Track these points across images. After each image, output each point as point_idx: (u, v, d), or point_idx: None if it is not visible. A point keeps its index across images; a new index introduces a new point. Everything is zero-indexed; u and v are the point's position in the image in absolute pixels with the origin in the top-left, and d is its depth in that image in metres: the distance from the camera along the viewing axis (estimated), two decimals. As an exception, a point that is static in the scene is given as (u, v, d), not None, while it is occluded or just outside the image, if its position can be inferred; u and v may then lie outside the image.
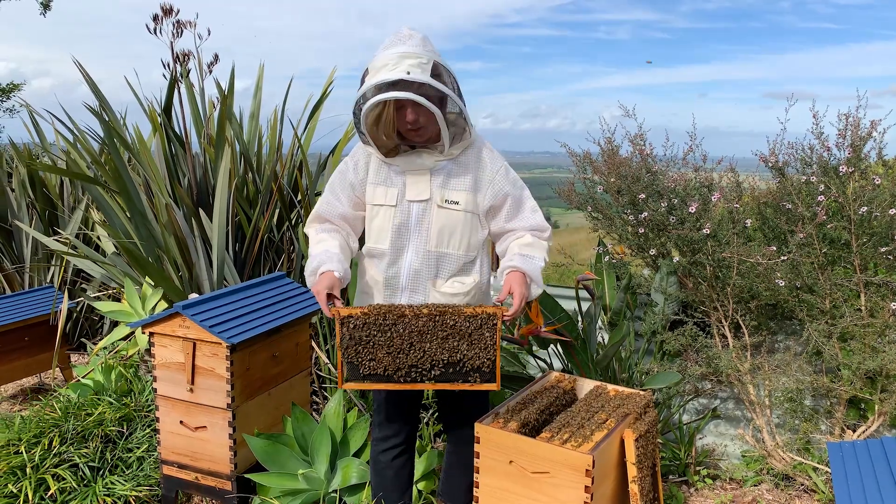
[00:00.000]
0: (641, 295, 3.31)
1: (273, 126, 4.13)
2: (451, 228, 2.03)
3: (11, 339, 3.73)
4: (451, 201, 2.02)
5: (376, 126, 1.93)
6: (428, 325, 1.93)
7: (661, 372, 2.85)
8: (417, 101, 1.83)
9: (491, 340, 1.93)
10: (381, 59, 1.89)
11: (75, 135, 4.19)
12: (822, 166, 2.87)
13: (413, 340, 1.94)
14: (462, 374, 1.95)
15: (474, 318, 1.93)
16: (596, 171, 3.44)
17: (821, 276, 2.80)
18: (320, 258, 2.03)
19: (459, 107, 1.95)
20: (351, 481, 2.51)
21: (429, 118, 1.91)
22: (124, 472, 2.75)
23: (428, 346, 1.93)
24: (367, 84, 1.88)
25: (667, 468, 2.95)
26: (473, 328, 1.93)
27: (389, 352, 1.94)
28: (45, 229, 4.80)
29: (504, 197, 2.07)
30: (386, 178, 2.06)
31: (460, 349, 1.93)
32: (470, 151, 2.06)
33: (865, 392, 2.70)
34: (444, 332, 1.93)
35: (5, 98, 8.89)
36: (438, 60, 1.90)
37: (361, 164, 2.10)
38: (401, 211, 2.04)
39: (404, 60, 1.85)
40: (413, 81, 1.84)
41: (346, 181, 2.12)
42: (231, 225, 3.65)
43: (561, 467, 1.92)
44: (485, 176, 2.06)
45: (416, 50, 1.87)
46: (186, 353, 2.49)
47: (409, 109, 1.90)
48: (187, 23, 3.55)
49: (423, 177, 2.03)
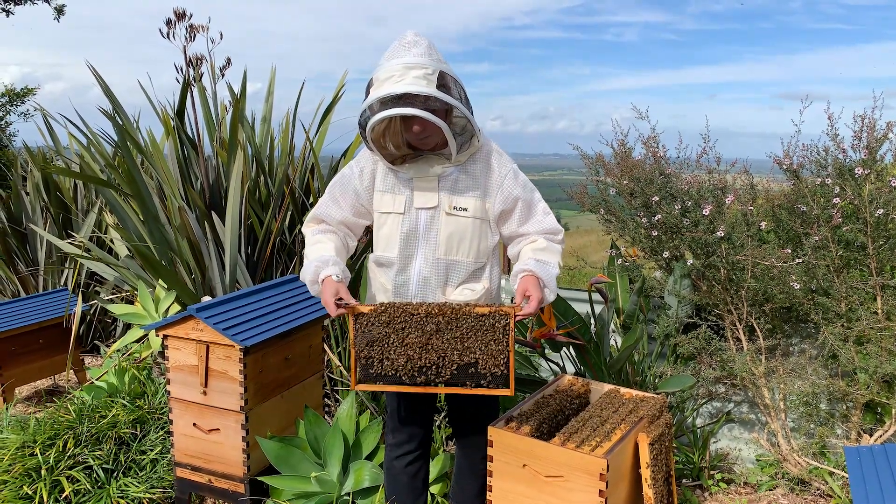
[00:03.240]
0: (654, 298, 3.29)
1: (285, 129, 4.15)
2: (460, 235, 2.02)
3: (26, 341, 3.75)
4: (460, 208, 2.01)
5: (383, 137, 1.93)
6: (441, 324, 1.92)
7: (675, 375, 2.83)
8: (423, 116, 1.81)
9: (504, 342, 1.91)
10: (385, 71, 1.85)
11: (89, 138, 4.22)
12: (838, 168, 2.84)
13: (426, 340, 1.92)
14: (475, 377, 1.93)
15: (487, 317, 1.91)
16: (609, 174, 3.43)
17: (836, 278, 2.78)
18: (317, 264, 2.01)
19: (466, 116, 1.91)
20: (363, 484, 2.51)
21: (436, 130, 1.90)
22: (138, 475, 2.76)
23: (441, 345, 1.92)
24: (372, 96, 1.85)
25: (681, 472, 2.93)
26: (486, 327, 1.91)
27: (403, 352, 1.93)
28: (60, 232, 4.83)
29: (514, 201, 2.05)
30: (393, 185, 2.05)
31: (473, 351, 1.91)
32: (478, 157, 2.04)
33: (882, 396, 2.67)
34: (457, 331, 1.92)
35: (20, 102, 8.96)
36: (444, 70, 1.87)
37: (367, 172, 2.08)
38: (409, 219, 2.03)
39: (409, 72, 1.82)
40: (419, 94, 1.81)
41: (349, 187, 2.10)
42: (243, 228, 3.66)
43: (575, 471, 1.90)
44: (493, 181, 2.04)
45: (421, 60, 1.84)
46: (200, 356, 2.50)
47: (416, 122, 1.88)
48: (200, 27, 3.57)
49: (431, 184, 2.01)
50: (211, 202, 3.76)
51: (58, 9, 10.07)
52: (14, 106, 9.00)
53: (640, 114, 3.26)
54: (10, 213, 4.86)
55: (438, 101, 1.83)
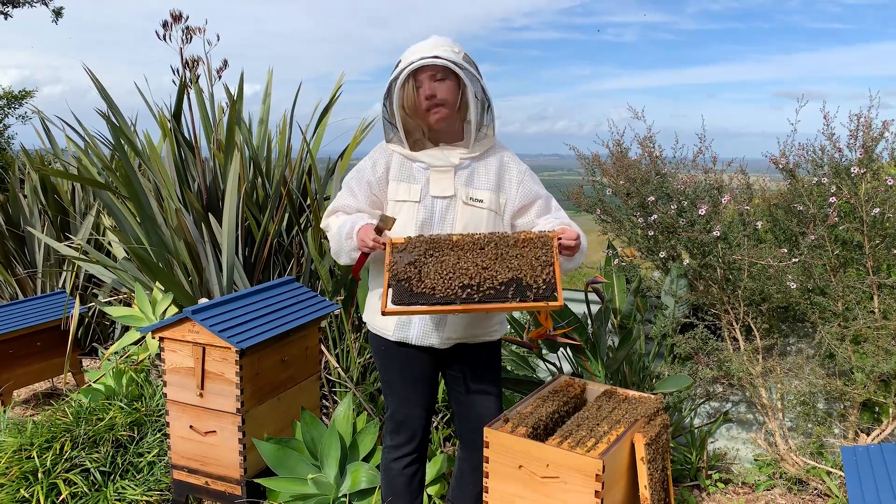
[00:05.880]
0: (651, 298, 3.29)
1: (282, 131, 4.14)
2: (476, 225, 2.05)
3: (24, 343, 3.75)
4: (476, 199, 2.06)
5: (403, 107, 1.99)
6: (480, 244, 1.91)
7: (672, 375, 2.83)
8: (448, 66, 1.93)
9: (550, 256, 1.89)
10: (413, 48, 1.99)
11: (86, 141, 4.21)
12: (834, 167, 2.85)
13: (466, 259, 1.90)
14: (519, 291, 1.86)
15: (533, 240, 1.92)
16: (605, 174, 3.43)
17: (833, 278, 2.78)
18: (350, 222, 2.05)
19: (487, 97, 2.03)
20: (360, 486, 2.51)
21: (447, 94, 1.97)
22: (135, 477, 2.76)
23: (483, 262, 1.89)
24: (399, 67, 1.98)
25: (678, 472, 2.93)
26: (530, 247, 1.90)
27: (443, 271, 1.89)
28: (57, 235, 4.83)
29: (535, 197, 2.11)
30: (409, 175, 2.08)
31: (515, 268, 1.88)
32: (492, 152, 2.10)
33: (879, 395, 2.67)
34: (498, 251, 1.91)
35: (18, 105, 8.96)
36: (468, 53, 2.01)
37: (381, 163, 2.11)
38: (424, 207, 2.06)
39: (438, 47, 1.97)
40: (445, 58, 1.94)
41: (363, 179, 2.13)
42: (240, 229, 3.66)
43: (571, 472, 1.90)
44: (510, 177, 2.10)
45: (448, 42, 1.99)
46: (196, 358, 2.50)
47: (427, 83, 1.95)
48: (196, 29, 3.57)
49: (447, 174, 2.05)
50: (208, 204, 3.76)
51: (56, 11, 10.06)
52: (12, 109, 8.99)
53: (636, 114, 3.26)
54: (8, 215, 4.86)
55: (464, 70, 1.96)
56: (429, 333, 2.08)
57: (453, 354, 2.16)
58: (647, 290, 3.27)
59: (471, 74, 1.98)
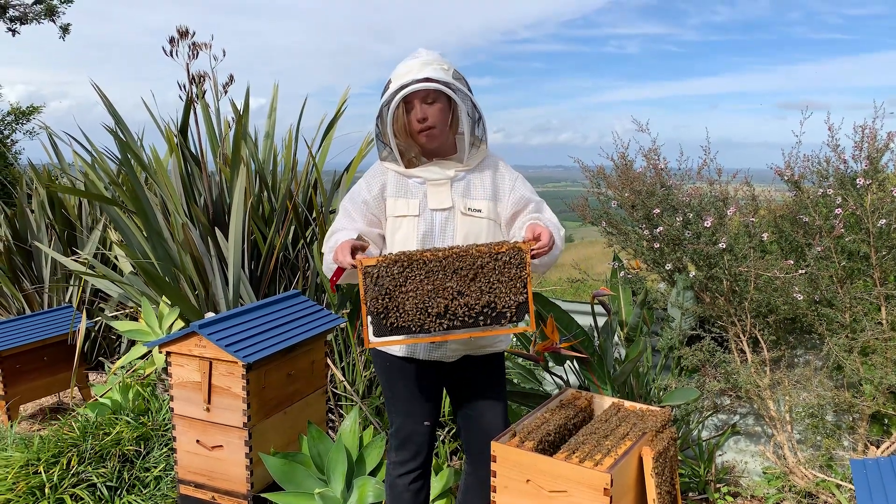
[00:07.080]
0: (658, 310, 3.29)
1: (288, 145, 4.17)
2: (476, 235, 2.06)
3: (31, 358, 3.76)
4: (474, 209, 2.07)
5: (395, 130, 2.00)
6: (452, 265, 1.88)
7: (679, 388, 2.82)
8: (439, 88, 1.93)
9: (520, 278, 1.87)
10: (403, 68, 1.99)
11: (93, 156, 4.24)
12: (839, 178, 2.84)
13: (438, 283, 1.88)
14: (495, 317, 1.87)
15: (500, 254, 1.88)
16: (610, 186, 3.43)
17: (840, 289, 2.77)
18: (335, 239, 2.05)
19: (478, 111, 2.05)
20: (367, 500, 2.50)
21: (438, 117, 1.98)
22: (142, 492, 2.76)
23: (456, 288, 1.87)
24: (389, 90, 1.98)
25: (686, 485, 2.91)
26: (502, 264, 1.88)
27: (416, 301, 1.88)
28: (64, 249, 4.85)
29: (527, 202, 2.12)
30: (406, 190, 2.09)
31: (488, 290, 1.87)
32: (487, 163, 2.13)
33: (889, 407, 2.65)
34: (470, 272, 1.88)
35: (25, 120, 9.03)
36: (457, 69, 2.02)
37: (376, 183, 2.12)
38: (424, 220, 2.07)
39: (427, 66, 1.97)
40: (438, 79, 1.94)
41: (358, 200, 2.13)
42: (247, 243, 3.67)
43: (579, 486, 1.89)
44: (505, 185, 2.12)
45: (436, 58, 2.00)
46: (203, 373, 2.50)
47: (418, 107, 1.96)
48: (202, 45, 3.60)
49: (444, 187, 2.07)
50: (214, 218, 3.78)
51: (63, 27, 10.16)
52: (20, 124, 9.07)
53: (641, 126, 3.27)
54: (16, 230, 4.89)
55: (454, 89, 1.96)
56: (436, 347, 2.09)
57: (459, 367, 2.16)
58: (653, 303, 3.27)
59: (462, 93, 2.00)
